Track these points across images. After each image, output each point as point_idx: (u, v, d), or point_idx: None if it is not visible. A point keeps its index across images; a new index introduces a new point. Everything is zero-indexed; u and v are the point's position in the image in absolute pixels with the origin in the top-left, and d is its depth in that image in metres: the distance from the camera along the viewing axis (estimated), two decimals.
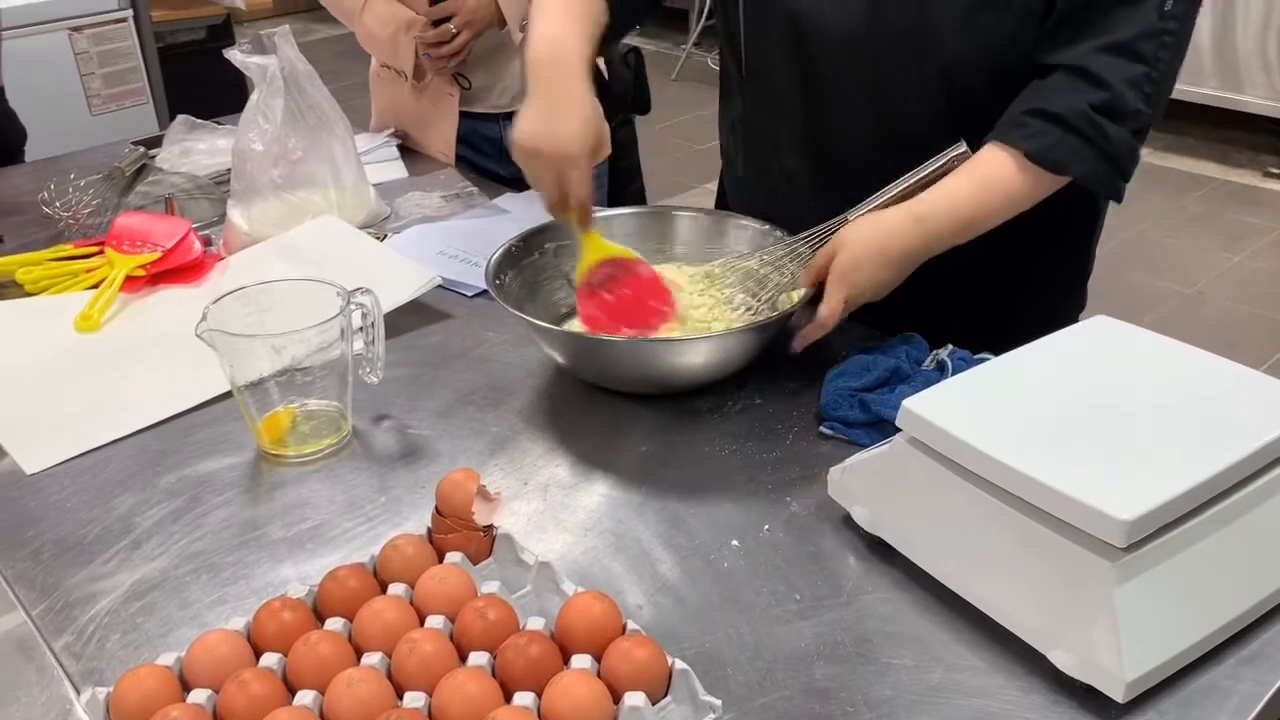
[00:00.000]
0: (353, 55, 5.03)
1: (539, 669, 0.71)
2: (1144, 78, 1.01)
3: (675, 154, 4.36)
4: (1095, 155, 1.02)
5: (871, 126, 1.15)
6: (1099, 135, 1.01)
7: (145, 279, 1.35)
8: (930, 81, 1.10)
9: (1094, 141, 1.01)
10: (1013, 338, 0.92)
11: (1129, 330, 0.91)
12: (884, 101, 1.12)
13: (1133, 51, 1.00)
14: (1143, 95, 1.01)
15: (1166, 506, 0.72)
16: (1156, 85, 1.02)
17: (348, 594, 0.78)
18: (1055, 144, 1.01)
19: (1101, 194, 1.05)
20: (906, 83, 1.11)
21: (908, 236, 1.03)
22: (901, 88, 1.11)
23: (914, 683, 0.77)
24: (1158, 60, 1.01)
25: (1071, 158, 1.02)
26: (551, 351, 1.11)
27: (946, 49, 1.07)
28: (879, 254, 1.03)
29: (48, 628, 0.84)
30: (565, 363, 1.12)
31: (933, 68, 1.09)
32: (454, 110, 1.77)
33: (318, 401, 1.05)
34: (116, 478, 1.01)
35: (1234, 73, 4.13)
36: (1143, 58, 1.00)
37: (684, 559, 0.89)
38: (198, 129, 1.76)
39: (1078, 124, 1.01)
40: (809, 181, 1.23)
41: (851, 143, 1.17)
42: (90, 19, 3.02)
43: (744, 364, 1.09)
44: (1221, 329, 3.10)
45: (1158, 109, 1.04)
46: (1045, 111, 1.02)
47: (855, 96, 1.14)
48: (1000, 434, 0.78)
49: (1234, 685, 0.75)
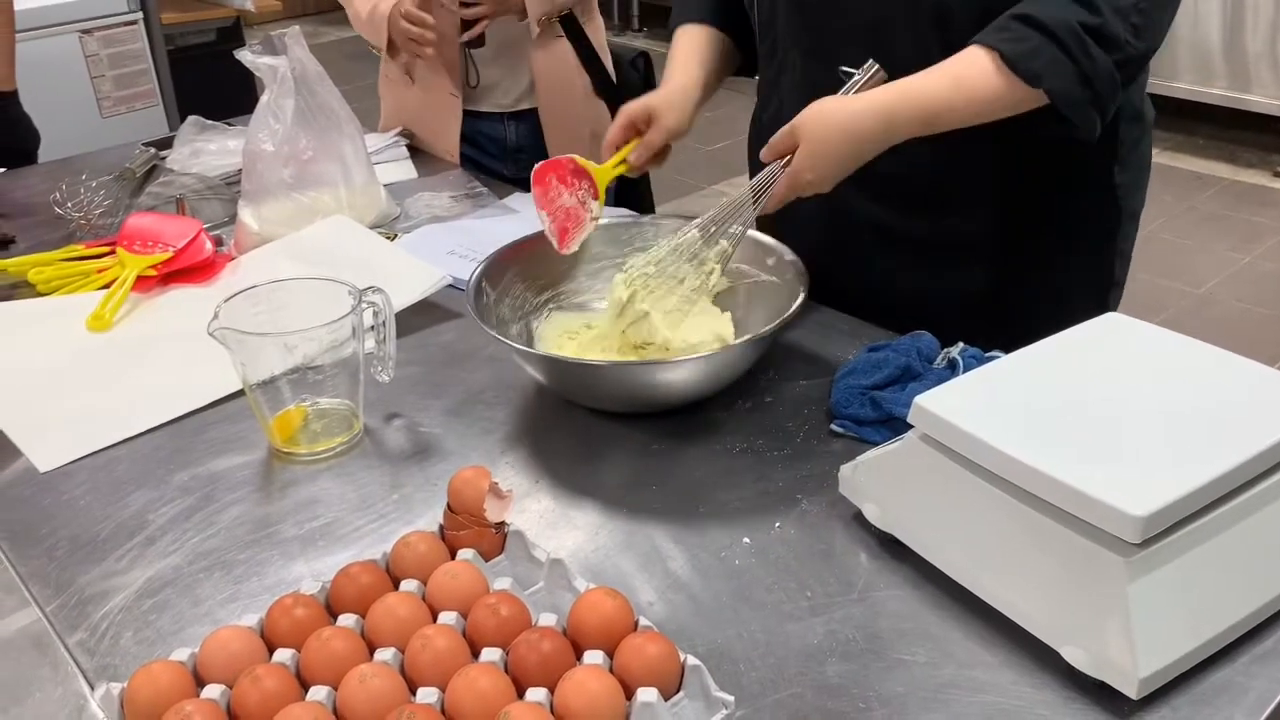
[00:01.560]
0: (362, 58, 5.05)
1: (551, 665, 0.71)
2: (1132, 8, 1.00)
3: (684, 155, 4.34)
4: (1073, 73, 1.00)
5: None
6: (1081, 52, 0.99)
7: (156, 279, 1.35)
8: (921, 25, 1.09)
9: (1075, 58, 0.99)
10: (1024, 340, 0.91)
11: (1140, 327, 0.91)
12: (877, 53, 1.11)
13: None
14: (1130, 26, 1.00)
15: (1180, 502, 0.72)
16: (1146, 17, 1.00)
17: (360, 590, 0.78)
18: (1034, 51, 1.00)
19: (1072, 119, 1.03)
20: (899, 28, 1.11)
21: (869, 130, 1.04)
22: (894, 37, 1.11)
23: (926, 679, 0.77)
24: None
25: (1047, 69, 1.00)
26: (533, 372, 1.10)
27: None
28: (837, 149, 1.05)
29: (62, 624, 0.84)
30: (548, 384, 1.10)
31: (923, 14, 1.09)
32: (458, 110, 1.78)
33: (329, 400, 1.05)
34: (129, 476, 1.01)
35: (1243, 73, 4.12)
36: None
37: (695, 556, 0.89)
38: (208, 130, 1.77)
39: (1062, 35, 0.99)
40: None
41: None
42: (101, 22, 3.04)
43: (731, 381, 1.08)
44: (1231, 329, 3.09)
45: (1146, 44, 1.02)
46: (1030, 18, 1.00)
47: (850, 49, 1.13)
48: (1013, 430, 0.78)
49: (1248, 682, 0.75)
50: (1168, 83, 4.21)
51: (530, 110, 1.81)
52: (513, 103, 1.80)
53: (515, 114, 1.81)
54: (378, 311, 1.06)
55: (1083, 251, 1.25)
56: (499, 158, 1.84)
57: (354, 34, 1.88)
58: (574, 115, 1.80)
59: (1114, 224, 1.25)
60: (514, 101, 1.80)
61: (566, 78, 1.78)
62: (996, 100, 1.03)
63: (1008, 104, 1.03)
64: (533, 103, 1.80)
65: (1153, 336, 0.89)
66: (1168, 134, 4.35)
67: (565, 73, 1.78)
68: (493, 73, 1.77)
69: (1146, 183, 1.27)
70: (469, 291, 1.11)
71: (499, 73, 1.78)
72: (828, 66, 1.17)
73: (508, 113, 1.81)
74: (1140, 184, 1.25)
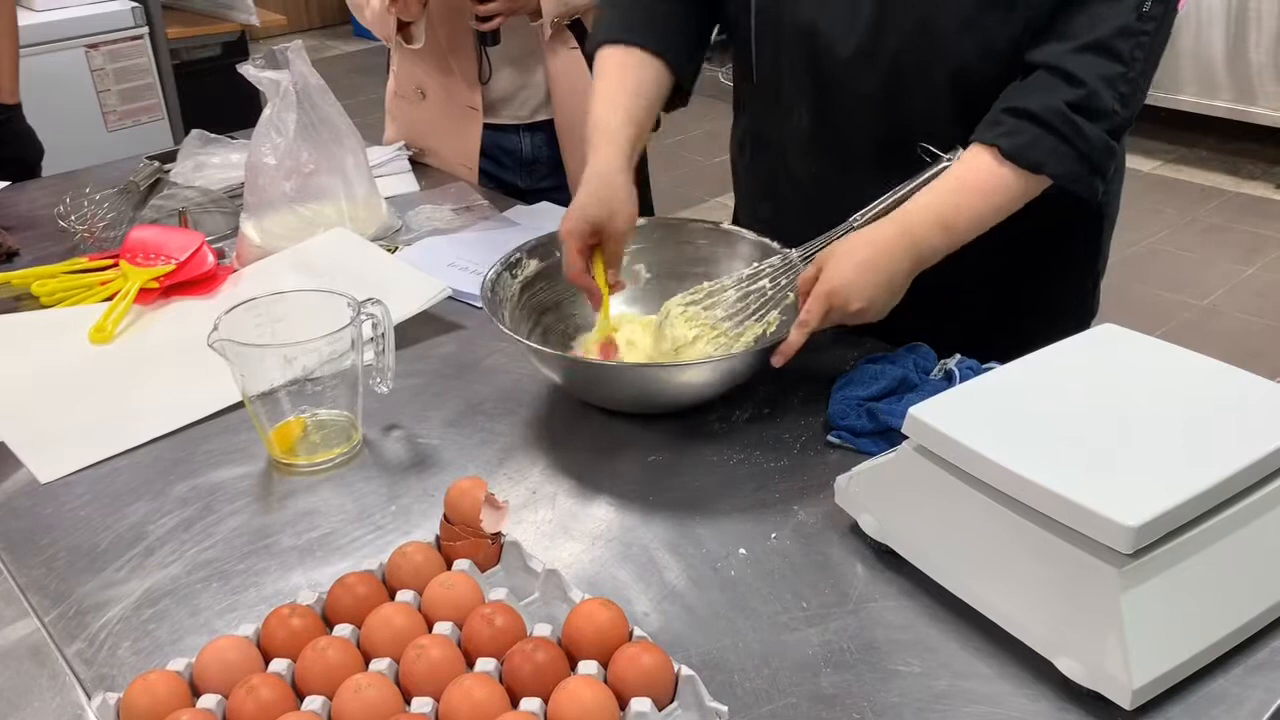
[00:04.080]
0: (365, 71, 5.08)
1: (546, 675, 0.71)
2: (1120, 77, 1.01)
3: (685, 168, 4.38)
4: (1071, 154, 1.02)
5: (878, 132, 1.15)
6: (1075, 134, 1.01)
7: (159, 291, 1.36)
8: (937, 85, 1.10)
9: (1070, 140, 1.01)
10: (1020, 348, 0.92)
11: (1134, 338, 0.91)
12: (890, 107, 1.12)
13: (1110, 50, 1.01)
14: (1118, 95, 1.02)
15: (1173, 512, 0.72)
16: (1132, 85, 1.02)
17: (356, 601, 0.79)
18: (1031, 142, 1.02)
19: (1078, 193, 1.05)
20: (913, 87, 1.11)
21: (889, 240, 1.03)
22: (908, 92, 1.12)
23: (921, 690, 0.77)
24: (1134, 60, 1.01)
25: (1047, 156, 1.02)
26: (549, 373, 1.12)
27: (952, 52, 1.08)
28: (861, 257, 1.02)
29: (60, 634, 0.84)
30: (562, 384, 1.12)
31: (939, 72, 1.09)
32: (478, 123, 1.78)
33: (328, 411, 1.06)
34: (129, 486, 1.02)
35: (1247, 85, 4.13)
36: (1119, 56, 1.01)
37: (691, 567, 0.90)
38: (211, 143, 1.78)
39: (1053, 122, 1.01)
40: (814, 189, 1.24)
41: (857, 149, 1.18)
42: (106, 36, 3.06)
43: (740, 383, 1.09)
44: (1234, 341, 3.09)
45: (1132, 109, 1.04)
46: (1020, 109, 1.02)
47: (861, 102, 1.14)
48: (1006, 441, 0.78)
49: (1243, 693, 0.75)
50: (1171, 95, 4.21)
51: (545, 122, 1.81)
52: (529, 114, 1.81)
53: (530, 126, 1.82)
54: (377, 323, 1.06)
55: (1069, 258, 1.26)
56: (514, 170, 1.85)
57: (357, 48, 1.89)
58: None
59: (1096, 230, 1.27)
60: (530, 113, 1.81)
61: (581, 88, 1.79)
62: (1006, 191, 1.04)
63: (1018, 193, 1.04)
64: (548, 114, 1.80)
65: (1147, 347, 0.90)
66: (1171, 146, 4.36)
67: (580, 83, 1.78)
68: (508, 84, 1.78)
69: (1122, 184, 1.28)
70: (483, 289, 1.12)
71: (515, 84, 1.78)
72: (838, 122, 1.18)
73: (523, 124, 1.82)
74: (1117, 189, 1.27)
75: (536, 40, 1.73)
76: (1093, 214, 1.24)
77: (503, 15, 1.65)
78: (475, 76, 1.75)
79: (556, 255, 1.20)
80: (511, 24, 1.68)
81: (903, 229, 1.03)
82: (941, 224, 1.03)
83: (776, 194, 1.30)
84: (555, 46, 1.74)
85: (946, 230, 1.04)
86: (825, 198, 1.18)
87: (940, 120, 1.11)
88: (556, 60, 1.75)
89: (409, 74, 1.82)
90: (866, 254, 1.03)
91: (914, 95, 1.11)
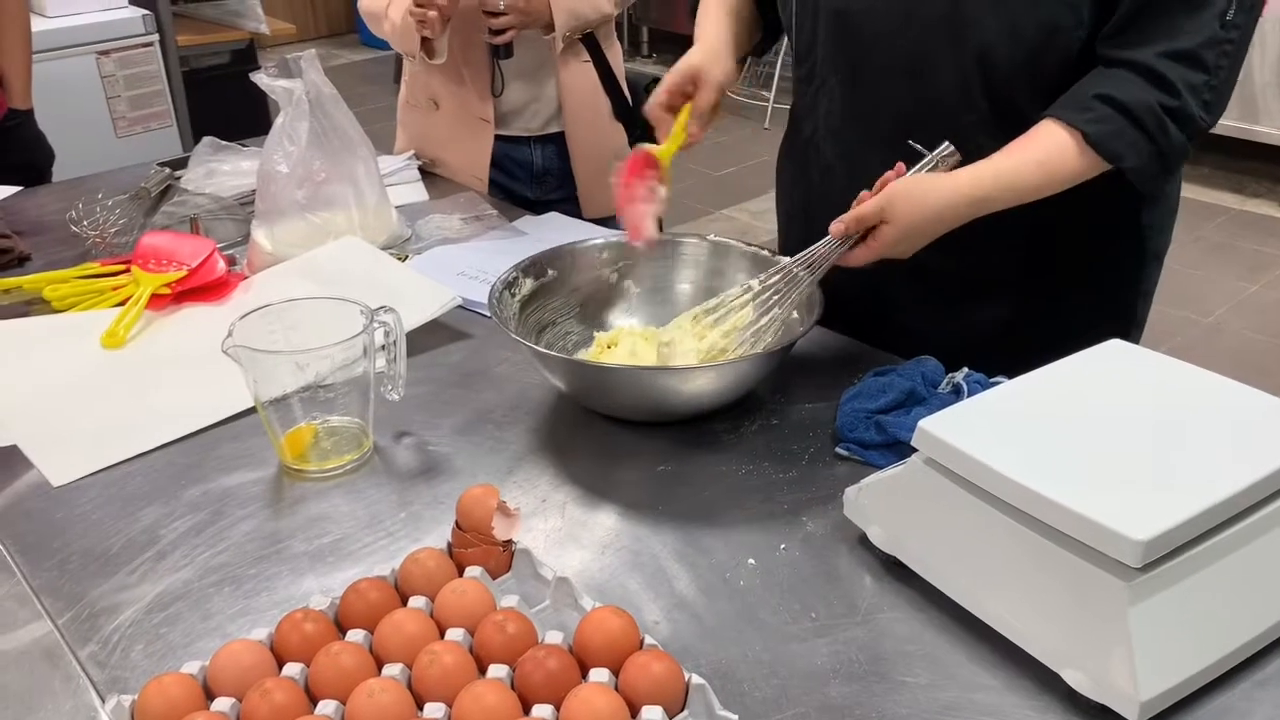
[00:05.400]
0: (374, 80, 5.10)
1: (557, 682, 0.71)
2: (1205, 86, 1.03)
3: (693, 179, 4.39)
4: (1152, 152, 1.03)
5: (905, 111, 1.16)
6: (1161, 133, 1.03)
7: (170, 297, 1.37)
8: (965, 66, 1.11)
9: (1155, 139, 1.03)
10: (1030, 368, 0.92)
11: (1142, 354, 0.92)
12: (918, 86, 1.13)
13: (1196, 59, 1.02)
14: (1203, 103, 1.03)
15: (1182, 527, 0.72)
16: (1216, 93, 1.03)
17: (369, 606, 0.79)
18: (1117, 133, 1.03)
19: (1145, 189, 1.07)
20: (942, 67, 1.12)
21: (965, 214, 1.06)
22: (937, 72, 1.12)
23: (929, 701, 0.77)
24: (1218, 69, 1.02)
25: (1129, 150, 1.03)
26: (556, 381, 1.12)
27: (979, 32, 1.08)
28: (927, 230, 1.06)
29: (73, 637, 0.85)
30: (571, 392, 1.13)
31: (967, 53, 1.10)
32: (489, 135, 1.79)
33: (340, 418, 1.06)
34: (141, 491, 1.03)
35: (1251, 104, 4.14)
36: (1205, 66, 1.02)
37: (700, 577, 0.90)
38: (222, 151, 1.79)
39: (1144, 118, 1.02)
40: (843, 172, 1.24)
41: (883, 128, 1.18)
42: (117, 43, 3.08)
43: (745, 391, 1.09)
44: (1238, 358, 3.09)
45: (1215, 116, 1.05)
46: (1114, 99, 1.03)
47: (890, 81, 1.16)
48: (1015, 454, 0.79)
49: (1250, 708, 0.76)
50: None
51: (556, 134, 1.82)
52: (540, 126, 1.82)
53: (541, 138, 1.83)
54: (389, 331, 1.07)
55: (1105, 291, 1.25)
56: (524, 181, 1.86)
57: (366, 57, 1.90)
58: (600, 137, 1.82)
59: (1139, 265, 1.25)
60: (541, 125, 1.82)
61: (592, 100, 1.80)
62: (1076, 177, 1.06)
63: (1079, 178, 1.06)
64: (559, 126, 1.82)
65: (1154, 363, 0.90)
66: None
67: (591, 95, 1.80)
68: (520, 96, 1.79)
69: (1173, 224, 1.27)
70: (491, 297, 1.13)
71: (526, 96, 1.79)
72: (867, 97, 1.19)
73: (534, 136, 1.83)
74: (1167, 226, 1.26)
75: (549, 53, 1.74)
76: (1133, 242, 1.24)
77: (515, 29, 1.66)
78: (488, 88, 1.76)
79: (550, 274, 1.22)
80: (524, 37, 1.69)
81: (978, 205, 1.06)
82: (1015, 201, 1.06)
83: (807, 179, 1.32)
84: (567, 60, 1.75)
85: (1017, 199, 1.06)
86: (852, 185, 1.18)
87: (969, 98, 1.12)
88: (568, 73, 1.76)
89: (422, 84, 1.84)
90: (929, 230, 1.06)
91: (942, 73, 1.12)
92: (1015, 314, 1.24)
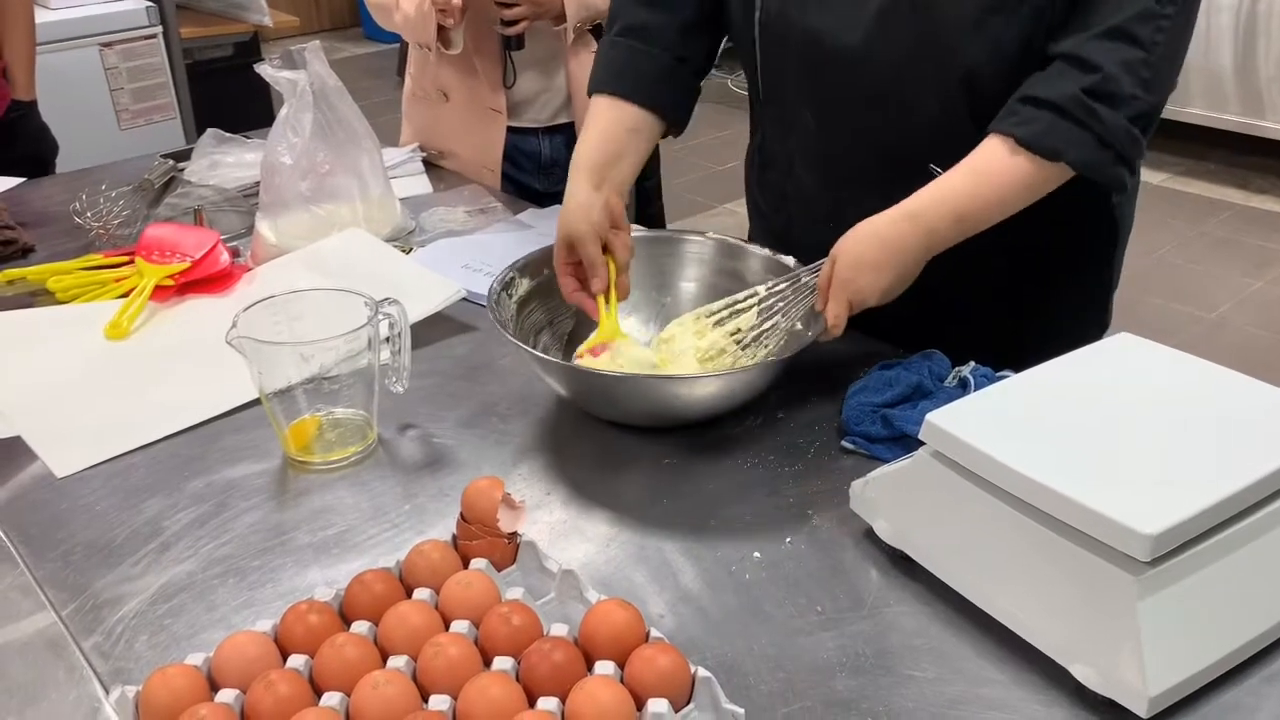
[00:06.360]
0: (378, 73, 5.10)
1: (563, 674, 0.71)
2: (1140, 62, 0.99)
3: (695, 174, 4.38)
4: (1090, 140, 1.00)
5: (882, 140, 1.15)
6: (1092, 119, 0.99)
7: (174, 288, 1.36)
8: (949, 92, 1.09)
9: (1087, 126, 1.00)
10: (1035, 359, 0.92)
11: (1152, 347, 0.91)
12: (895, 114, 1.12)
13: (1127, 34, 0.99)
14: (1139, 80, 0.99)
15: (1191, 521, 0.72)
16: (1154, 70, 1.00)
17: (374, 598, 0.79)
18: (1047, 129, 1.00)
19: (1103, 182, 1.04)
20: (923, 93, 1.10)
21: (903, 235, 1.04)
22: (917, 99, 1.11)
23: (935, 695, 0.77)
24: (1154, 44, 0.99)
25: (1064, 143, 1.00)
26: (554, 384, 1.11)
27: (959, 57, 1.07)
28: (875, 255, 1.04)
29: (77, 628, 0.85)
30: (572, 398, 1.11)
31: (950, 77, 1.09)
32: (501, 126, 1.79)
33: (344, 410, 1.06)
34: (145, 482, 1.02)
35: (1256, 99, 4.13)
36: (1138, 41, 0.99)
37: (706, 570, 0.90)
38: (226, 143, 1.79)
39: (1069, 108, 0.99)
40: (822, 200, 1.23)
41: (862, 159, 1.18)
42: (121, 35, 3.08)
43: (749, 399, 1.08)
44: (1242, 354, 3.08)
45: (1156, 95, 1.01)
46: (1036, 98, 1.01)
47: (864, 110, 1.14)
48: (1023, 448, 0.78)
49: (1258, 703, 0.75)
50: (1180, 108, 4.21)
51: (564, 125, 1.82)
52: (549, 118, 1.82)
53: (550, 129, 1.83)
54: (393, 323, 1.06)
55: (1085, 269, 1.26)
56: (532, 173, 1.85)
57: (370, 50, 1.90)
58: None
59: (1112, 240, 1.26)
60: (550, 116, 1.82)
61: None
62: (1023, 182, 1.03)
63: (1036, 183, 1.04)
64: (567, 117, 1.81)
65: (1164, 357, 0.90)
66: (1179, 159, 4.36)
67: None
68: (531, 87, 1.79)
69: (1137, 194, 1.27)
70: (490, 298, 1.12)
71: (537, 87, 1.79)
72: (845, 130, 1.17)
73: (543, 128, 1.82)
74: (1133, 199, 1.26)
75: (559, 44, 1.74)
76: (1106, 226, 1.24)
77: (528, 19, 1.65)
78: (499, 80, 1.75)
79: (545, 273, 1.20)
80: (535, 28, 1.69)
81: (915, 222, 1.04)
82: (955, 215, 1.04)
83: (787, 209, 1.30)
84: (577, 50, 1.75)
85: (959, 221, 1.04)
86: (834, 212, 1.18)
87: (955, 125, 1.10)
88: (578, 64, 1.76)
89: (431, 76, 1.83)
90: (877, 255, 1.04)
91: (924, 101, 1.11)
92: (1003, 300, 1.24)
